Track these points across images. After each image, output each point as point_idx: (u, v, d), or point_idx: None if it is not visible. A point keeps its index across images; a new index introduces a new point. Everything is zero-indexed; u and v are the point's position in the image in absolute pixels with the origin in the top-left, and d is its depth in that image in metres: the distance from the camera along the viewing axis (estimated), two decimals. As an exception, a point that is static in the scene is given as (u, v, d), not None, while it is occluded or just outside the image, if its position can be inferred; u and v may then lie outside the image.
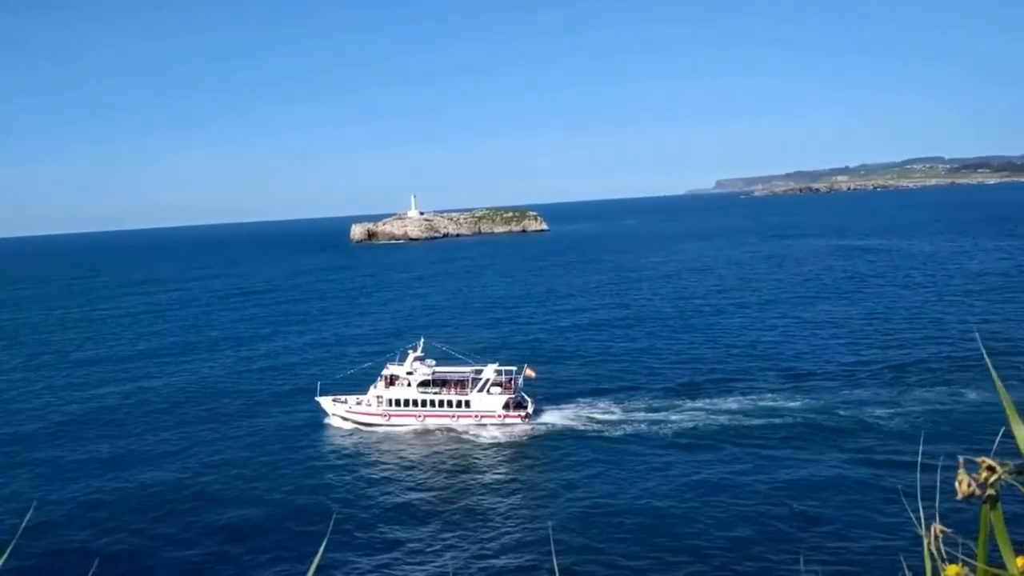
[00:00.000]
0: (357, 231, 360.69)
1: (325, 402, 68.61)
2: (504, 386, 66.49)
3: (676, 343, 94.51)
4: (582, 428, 63.37)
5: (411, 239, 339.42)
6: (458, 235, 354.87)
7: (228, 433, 67.15)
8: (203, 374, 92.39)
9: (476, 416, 65.46)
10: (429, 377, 67.22)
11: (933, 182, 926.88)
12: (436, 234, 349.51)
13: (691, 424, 62.73)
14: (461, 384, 67.05)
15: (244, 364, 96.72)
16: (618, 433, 61.49)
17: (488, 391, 65.91)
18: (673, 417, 64.38)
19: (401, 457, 59.57)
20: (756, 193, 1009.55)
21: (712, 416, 64.25)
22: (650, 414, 65.68)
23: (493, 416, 65.15)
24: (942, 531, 3.05)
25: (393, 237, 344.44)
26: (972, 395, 64.53)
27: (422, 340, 69.83)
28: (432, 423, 65.83)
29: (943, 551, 3.02)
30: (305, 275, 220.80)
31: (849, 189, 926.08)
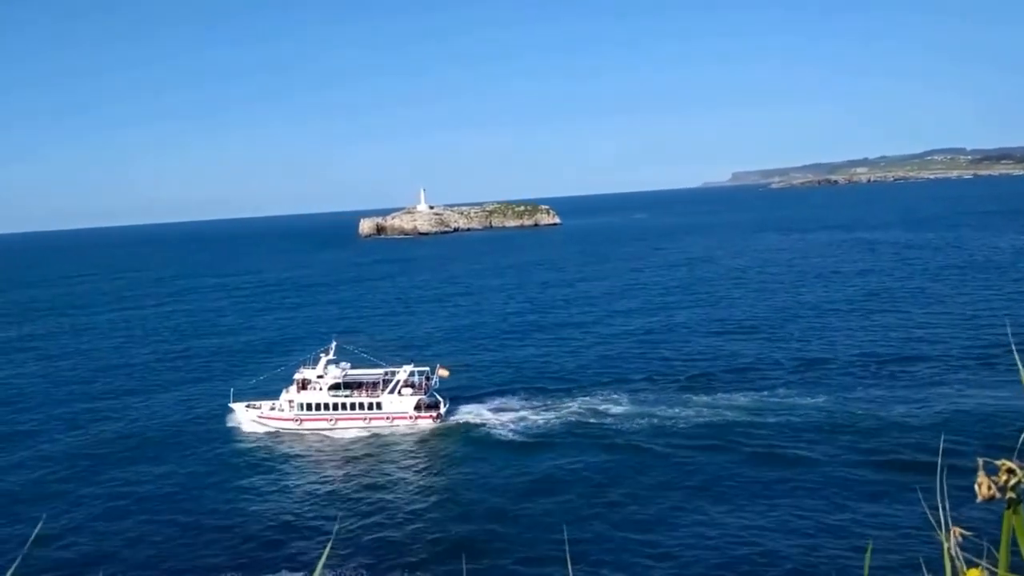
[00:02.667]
0: (366, 226, 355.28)
1: (238, 408, 67.76)
2: (417, 387, 66.29)
3: (679, 341, 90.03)
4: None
5: (421, 234, 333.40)
6: (468, 229, 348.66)
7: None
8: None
9: (388, 418, 65.37)
10: (340, 380, 66.73)
11: (955, 174, 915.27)
12: (446, 228, 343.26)
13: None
14: (372, 386, 66.81)
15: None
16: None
17: (399, 392, 65.70)
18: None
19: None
20: (773, 185, 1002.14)
21: (719, 412, 62.34)
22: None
23: (405, 418, 65.16)
24: (962, 534, 2.96)
25: (403, 232, 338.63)
26: (995, 393, 62.27)
27: (334, 343, 68.76)
28: (344, 426, 65.40)
29: (963, 555, 2.94)
30: (305, 273, 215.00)
31: (868, 181, 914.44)
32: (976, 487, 2.79)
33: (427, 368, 68.27)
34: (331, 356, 67.79)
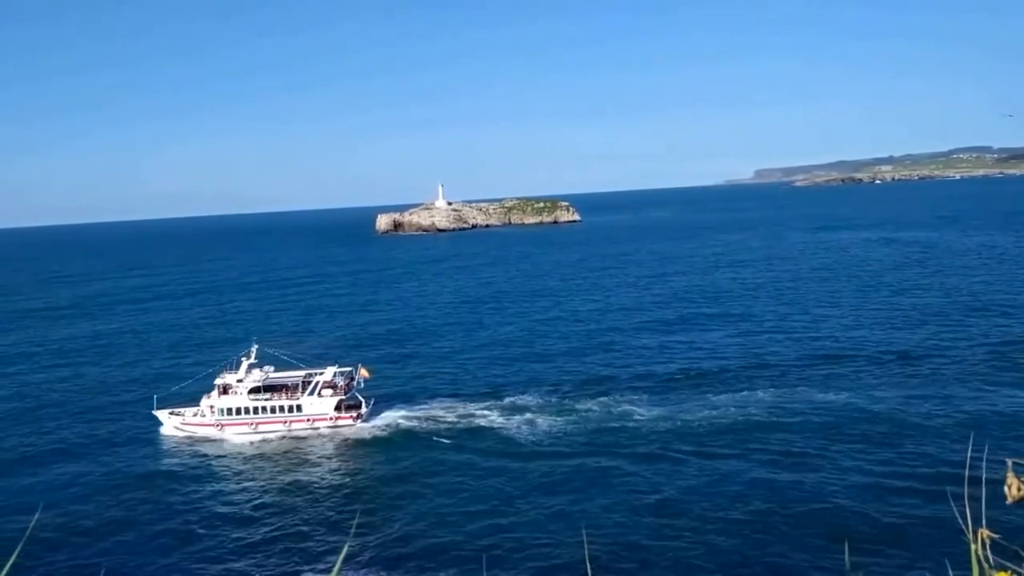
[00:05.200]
0: (383, 222, 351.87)
1: (161, 415, 66.88)
2: (337, 388, 65.60)
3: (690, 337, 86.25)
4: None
5: (439, 230, 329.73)
6: (487, 226, 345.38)
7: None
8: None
9: (308, 420, 64.74)
10: (259, 383, 66.07)
11: (981, 172, 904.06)
12: (465, 225, 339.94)
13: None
14: (292, 389, 66.02)
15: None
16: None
17: (319, 394, 65.04)
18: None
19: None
20: (797, 183, 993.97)
21: (745, 412, 61.04)
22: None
23: (325, 419, 64.56)
24: (990, 536, 2.85)
25: (420, 228, 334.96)
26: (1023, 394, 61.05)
27: (255, 346, 68.22)
28: (265, 430, 64.75)
29: (991, 557, 2.83)
30: (323, 271, 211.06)
31: (893, 179, 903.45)
32: (1005, 488, 2.70)
33: (350, 369, 67.98)
34: (252, 359, 67.52)
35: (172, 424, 65.86)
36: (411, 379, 78.23)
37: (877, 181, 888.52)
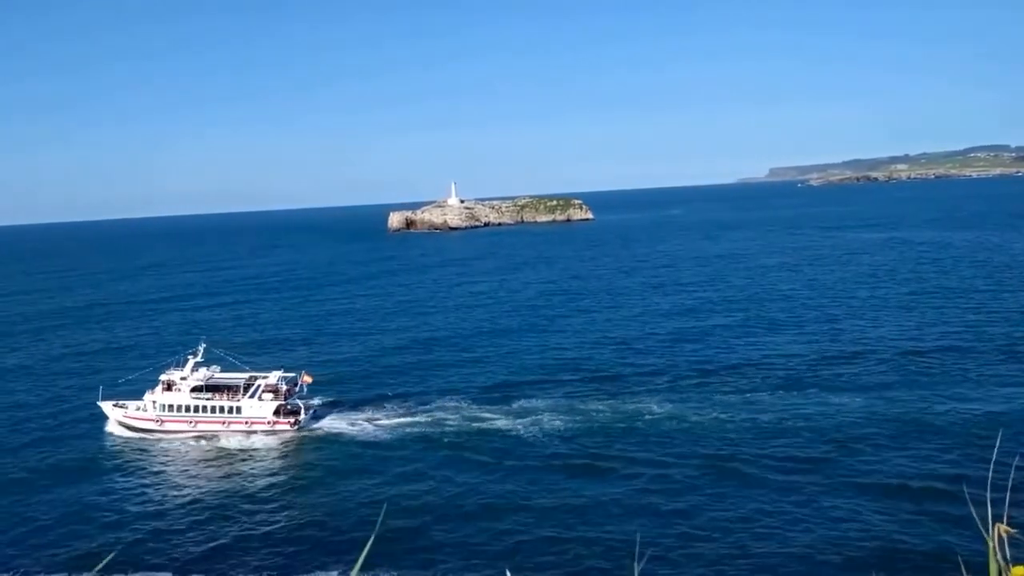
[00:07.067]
0: (395, 220, 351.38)
1: (106, 406, 67.42)
2: (278, 393, 65.61)
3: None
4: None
5: (451, 228, 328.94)
6: (500, 224, 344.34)
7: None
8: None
9: (246, 423, 64.94)
10: (202, 383, 66.36)
11: (998, 171, 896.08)
12: (477, 223, 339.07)
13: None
14: (234, 390, 66.26)
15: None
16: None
17: (260, 397, 65.28)
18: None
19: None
20: (812, 182, 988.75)
21: (754, 415, 60.43)
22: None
23: (263, 423, 64.65)
24: (1007, 532, 2.86)
25: (432, 226, 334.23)
26: None
27: (203, 345, 68.46)
28: (204, 429, 65.20)
29: (1009, 552, 2.84)
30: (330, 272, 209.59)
31: (909, 178, 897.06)
32: None
33: (293, 374, 68.21)
34: (199, 358, 67.96)
35: (114, 416, 66.59)
36: (412, 379, 77.74)
37: (893, 180, 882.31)
